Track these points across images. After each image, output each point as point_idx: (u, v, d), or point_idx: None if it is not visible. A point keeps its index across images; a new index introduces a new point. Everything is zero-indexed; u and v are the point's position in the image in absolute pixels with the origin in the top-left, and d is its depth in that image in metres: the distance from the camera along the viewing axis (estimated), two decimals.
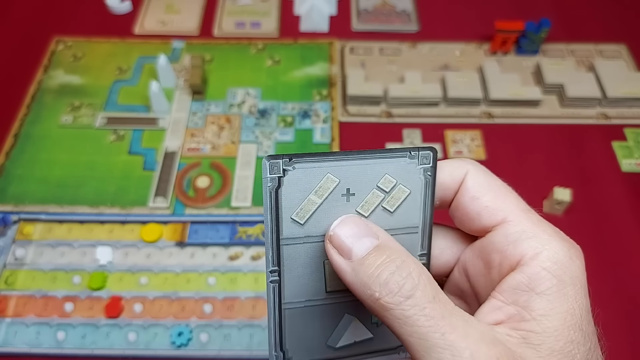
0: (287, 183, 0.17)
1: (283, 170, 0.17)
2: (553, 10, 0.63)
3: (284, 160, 0.17)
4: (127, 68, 0.58)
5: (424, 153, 0.18)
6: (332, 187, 0.17)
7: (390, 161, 0.18)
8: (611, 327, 0.41)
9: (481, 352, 0.15)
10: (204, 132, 0.52)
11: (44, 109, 0.54)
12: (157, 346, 0.40)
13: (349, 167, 0.17)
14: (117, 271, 0.43)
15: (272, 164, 0.17)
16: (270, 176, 0.17)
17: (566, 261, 0.17)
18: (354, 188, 0.17)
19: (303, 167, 0.17)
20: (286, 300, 0.18)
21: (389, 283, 0.16)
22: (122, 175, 0.49)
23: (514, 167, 0.50)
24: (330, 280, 0.19)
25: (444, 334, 0.15)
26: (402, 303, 0.16)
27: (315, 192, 0.17)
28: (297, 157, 0.17)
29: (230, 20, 0.63)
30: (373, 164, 0.18)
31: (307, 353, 0.19)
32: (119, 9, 0.63)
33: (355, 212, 0.18)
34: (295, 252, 0.18)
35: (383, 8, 0.64)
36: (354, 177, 0.17)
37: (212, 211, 0.47)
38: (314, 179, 0.17)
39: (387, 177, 0.18)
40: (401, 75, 0.56)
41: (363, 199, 0.18)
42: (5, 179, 0.49)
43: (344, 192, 0.17)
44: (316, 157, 0.17)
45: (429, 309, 0.15)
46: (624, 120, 0.53)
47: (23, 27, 0.62)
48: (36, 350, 0.39)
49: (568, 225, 0.46)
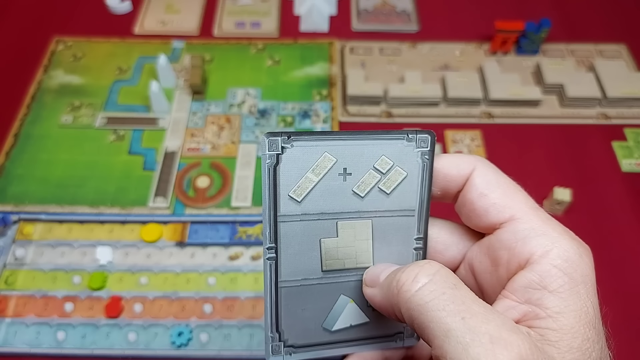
0: (285, 160, 0.17)
1: (282, 148, 0.17)
2: (553, 10, 0.63)
3: (282, 137, 0.17)
4: (127, 68, 0.58)
5: (422, 136, 0.18)
6: (330, 165, 0.17)
7: (388, 143, 0.18)
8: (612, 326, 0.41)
9: (501, 338, 0.14)
10: (204, 132, 0.52)
11: (44, 109, 0.54)
12: (157, 346, 0.40)
13: (347, 147, 0.17)
14: (117, 271, 0.43)
15: (271, 141, 0.17)
16: (269, 153, 0.17)
17: (576, 259, 0.17)
18: (351, 168, 0.18)
19: (301, 145, 0.17)
20: (283, 278, 0.18)
21: (408, 272, 0.16)
22: (122, 175, 0.49)
23: (513, 167, 0.50)
24: (326, 259, 0.19)
25: (464, 318, 0.15)
26: (421, 289, 0.16)
27: (313, 170, 0.17)
28: (296, 134, 0.17)
29: (230, 20, 0.63)
30: (370, 145, 0.18)
31: (303, 335, 0.19)
32: (119, 8, 0.63)
33: (351, 191, 0.18)
34: (292, 229, 0.18)
35: (383, 8, 0.64)
36: (351, 157, 0.18)
37: (212, 211, 0.47)
38: (311, 157, 0.17)
39: (384, 158, 0.18)
40: (401, 75, 0.56)
41: (359, 179, 0.18)
42: (5, 179, 0.49)
43: (340, 171, 0.18)
44: (314, 135, 0.18)
45: (449, 294, 0.15)
46: (624, 120, 0.53)
47: (23, 27, 0.62)
48: (36, 350, 0.39)
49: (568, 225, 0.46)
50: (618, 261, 0.44)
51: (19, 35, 0.61)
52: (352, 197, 0.18)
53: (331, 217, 0.18)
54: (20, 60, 0.58)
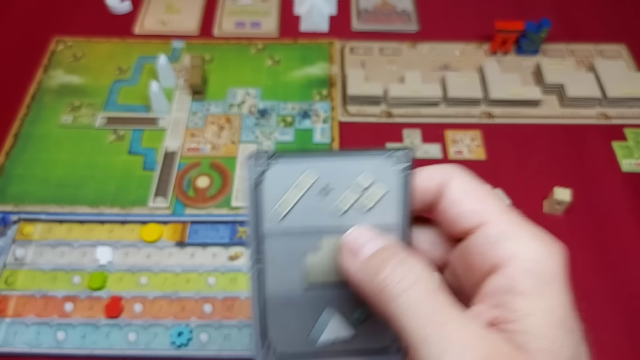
0: (269, 178, 0.18)
1: (265, 167, 0.18)
2: (553, 10, 0.63)
3: (267, 156, 0.18)
4: (127, 68, 0.58)
5: (401, 153, 0.19)
6: (311, 182, 0.18)
7: (368, 160, 0.18)
8: (610, 326, 0.41)
9: (473, 346, 0.15)
10: (204, 132, 0.52)
11: (44, 109, 0.54)
12: (157, 346, 0.40)
13: (328, 164, 0.18)
14: (117, 271, 0.43)
15: (255, 159, 0.18)
16: (254, 170, 0.18)
17: (545, 259, 0.17)
18: (333, 184, 0.18)
19: (284, 163, 0.18)
20: (269, 290, 0.19)
21: (393, 274, 0.17)
22: (122, 175, 0.49)
23: (514, 167, 0.50)
24: (311, 272, 0.19)
25: (441, 326, 0.15)
26: (404, 292, 0.16)
27: (295, 187, 0.18)
28: (279, 154, 0.18)
29: (230, 20, 0.63)
30: (351, 162, 0.18)
31: (290, 344, 0.19)
32: (119, 8, 0.63)
33: (334, 207, 0.18)
34: (277, 244, 0.19)
35: (383, 8, 0.64)
36: (333, 174, 0.18)
37: (212, 211, 0.47)
38: (294, 174, 0.18)
39: (364, 174, 0.18)
40: (401, 75, 0.56)
41: (341, 195, 0.18)
42: (5, 179, 0.49)
43: (322, 187, 0.18)
44: (297, 154, 0.18)
45: (429, 301, 0.16)
46: (624, 120, 0.53)
47: (23, 27, 0.62)
48: (36, 350, 0.39)
49: (568, 225, 0.47)
50: (618, 261, 0.44)
51: (19, 35, 0.61)
52: (335, 212, 0.19)
53: (315, 232, 0.19)
54: (20, 60, 0.58)
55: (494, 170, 0.49)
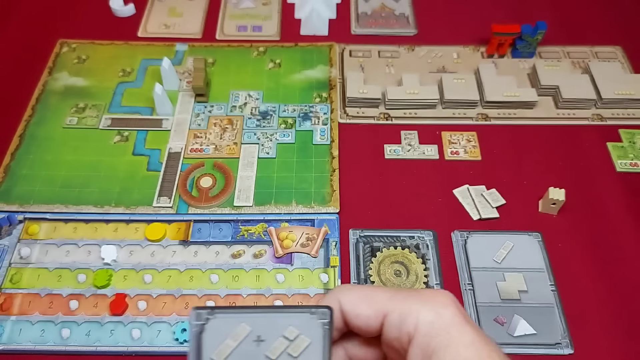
0: (209, 329, 0.21)
1: (206, 319, 0.21)
2: (549, 13, 0.64)
3: (207, 310, 0.21)
4: (131, 70, 0.59)
5: (323, 310, 0.21)
6: (245, 333, 0.21)
7: (295, 315, 0.21)
8: (607, 326, 0.41)
9: None
10: (207, 133, 0.53)
11: (49, 111, 0.55)
12: (161, 343, 0.40)
13: (260, 319, 0.21)
14: (122, 269, 0.44)
15: (197, 312, 0.21)
16: (195, 322, 0.21)
17: (436, 319, 0.19)
18: (264, 335, 0.21)
19: (222, 316, 0.21)
20: None
21: None
22: (127, 175, 0.50)
23: (509, 167, 0.51)
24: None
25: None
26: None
27: (231, 337, 0.21)
28: (219, 308, 0.21)
29: (232, 23, 0.64)
30: (280, 317, 0.21)
31: None
32: (122, 12, 0.64)
33: (264, 355, 0.21)
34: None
35: (382, 12, 0.65)
36: (264, 327, 0.21)
37: (215, 210, 0.47)
38: (230, 326, 0.21)
39: (291, 328, 0.21)
40: (399, 78, 0.57)
41: (271, 345, 0.21)
42: (11, 179, 0.50)
43: (255, 338, 0.21)
44: (234, 309, 0.22)
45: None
46: (618, 121, 0.54)
47: (28, 29, 0.63)
48: (41, 348, 0.40)
49: (563, 225, 0.47)
50: (612, 260, 0.45)
51: (24, 38, 0.62)
52: (265, 359, 0.21)
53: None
54: (25, 63, 0.59)
55: (489, 170, 0.50)
